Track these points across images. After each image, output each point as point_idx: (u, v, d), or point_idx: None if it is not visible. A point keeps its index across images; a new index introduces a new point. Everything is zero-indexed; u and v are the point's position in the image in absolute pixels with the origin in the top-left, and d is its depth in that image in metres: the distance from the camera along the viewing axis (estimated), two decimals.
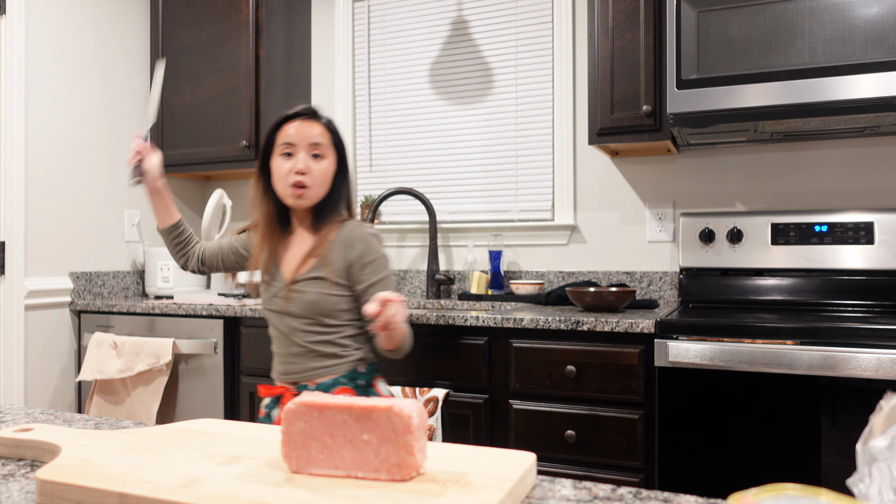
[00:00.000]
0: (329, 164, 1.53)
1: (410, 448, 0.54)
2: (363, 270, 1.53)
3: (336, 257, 1.53)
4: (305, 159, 1.50)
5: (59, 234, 2.51)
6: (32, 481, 0.62)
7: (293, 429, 0.58)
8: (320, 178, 1.52)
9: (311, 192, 1.51)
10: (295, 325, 1.53)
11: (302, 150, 1.50)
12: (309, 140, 1.51)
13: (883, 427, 0.51)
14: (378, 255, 1.55)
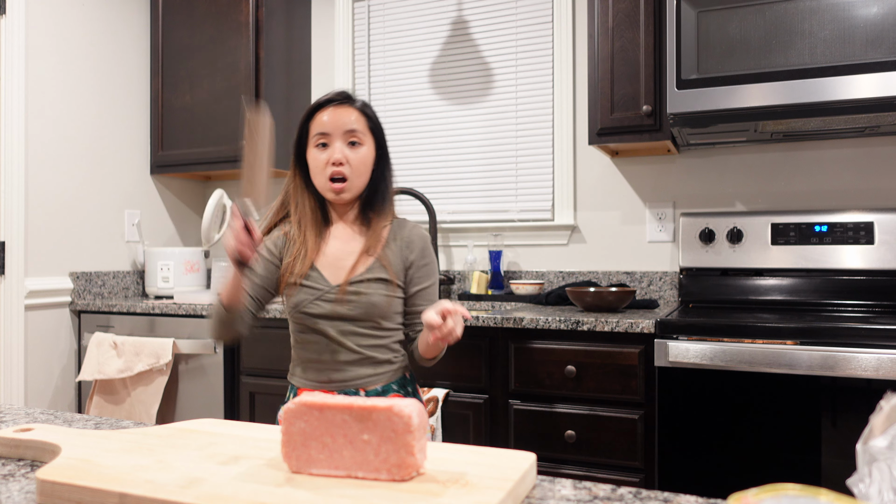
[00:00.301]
0: (368, 152, 1.43)
1: (410, 448, 0.54)
2: (418, 273, 1.46)
3: (394, 258, 1.45)
4: (342, 148, 1.40)
5: (59, 234, 2.51)
6: (32, 481, 0.62)
7: (293, 429, 0.58)
8: (359, 167, 1.41)
9: (352, 183, 1.41)
10: (349, 329, 1.41)
11: (337, 138, 1.41)
12: (344, 127, 1.41)
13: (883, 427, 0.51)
14: (432, 258, 1.49)
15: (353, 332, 1.41)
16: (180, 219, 3.05)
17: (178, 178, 3.01)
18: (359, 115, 1.44)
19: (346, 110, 1.43)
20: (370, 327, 1.42)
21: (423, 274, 1.46)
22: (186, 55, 2.76)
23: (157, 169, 2.86)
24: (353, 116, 1.42)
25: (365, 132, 1.44)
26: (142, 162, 2.86)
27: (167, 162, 2.82)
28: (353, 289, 1.40)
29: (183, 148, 2.77)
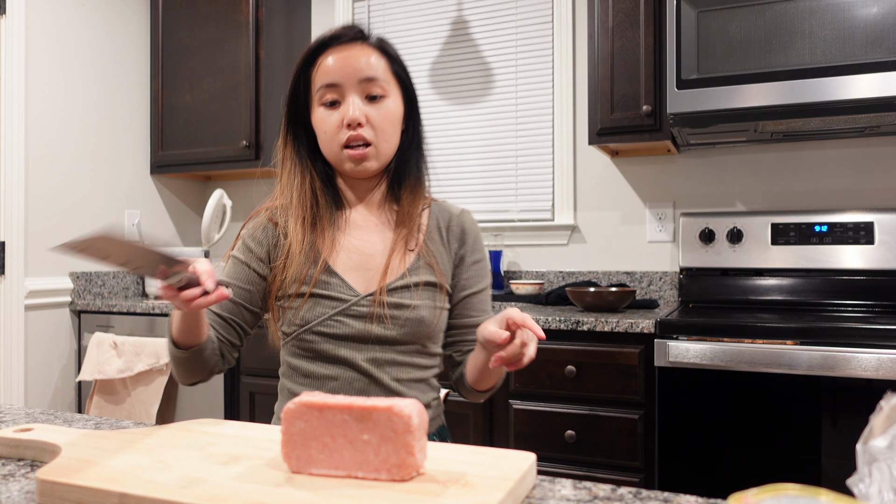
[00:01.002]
0: (394, 106, 1.07)
1: (410, 448, 0.54)
2: (468, 272, 1.12)
3: (441, 253, 1.10)
4: (358, 104, 1.03)
5: (60, 234, 2.51)
6: (32, 481, 0.62)
7: (293, 429, 0.58)
8: (385, 126, 1.05)
9: (377, 149, 1.05)
10: (387, 358, 1.04)
11: (351, 90, 1.04)
12: (359, 74, 1.03)
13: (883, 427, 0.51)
14: (486, 253, 1.16)
15: (392, 362, 1.04)
16: (180, 219, 3.05)
17: (178, 177, 3.01)
18: (378, 56, 1.07)
19: (360, 50, 1.05)
20: (413, 353, 1.05)
21: (474, 273, 1.12)
22: (186, 55, 2.76)
23: (157, 169, 2.86)
24: (370, 58, 1.05)
25: (388, 79, 1.07)
26: (142, 162, 2.86)
27: (167, 162, 2.82)
28: (393, 299, 1.03)
29: (183, 148, 2.77)
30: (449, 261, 1.11)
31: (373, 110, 1.05)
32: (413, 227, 1.09)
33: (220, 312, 1.08)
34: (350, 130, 1.04)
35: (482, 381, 1.07)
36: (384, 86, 1.06)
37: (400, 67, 1.11)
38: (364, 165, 1.05)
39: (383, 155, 1.07)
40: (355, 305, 1.03)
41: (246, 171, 2.81)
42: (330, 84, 1.05)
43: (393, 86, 1.08)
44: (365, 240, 1.09)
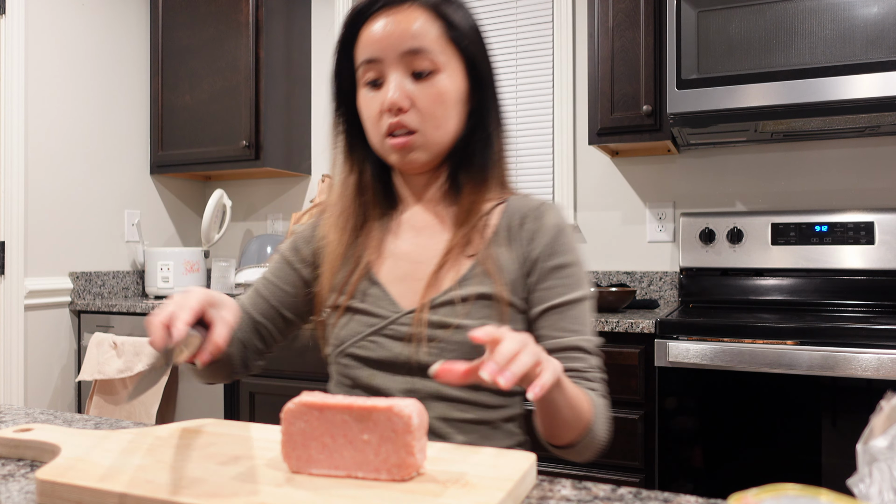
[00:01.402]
0: (450, 81, 0.88)
1: (410, 448, 0.54)
2: (546, 280, 0.88)
3: (507, 258, 0.89)
4: (401, 83, 0.86)
5: (59, 234, 2.51)
6: (32, 481, 0.62)
7: (293, 429, 0.58)
8: (433, 109, 0.87)
9: (424, 137, 0.87)
10: (430, 391, 0.85)
11: (392, 66, 0.86)
12: (401, 45, 0.85)
13: (883, 427, 0.51)
14: (575, 257, 0.90)
15: (438, 397, 0.86)
16: (180, 219, 3.05)
17: (178, 177, 3.01)
18: (429, 21, 0.87)
19: (406, 14, 0.86)
20: (471, 388, 0.86)
21: (555, 282, 0.88)
22: (186, 55, 2.76)
23: (157, 169, 2.86)
24: (415, 24, 0.86)
25: (441, 48, 0.87)
26: (141, 162, 2.86)
27: (167, 162, 2.82)
28: (437, 317, 0.85)
29: (183, 148, 2.77)
30: (517, 267, 0.88)
31: (419, 90, 0.86)
32: (474, 228, 0.89)
33: (252, 314, 0.97)
34: (391, 116, 0.86)
35: (550, 428, 0.79)
36: (434, 58, 0.86)
37: (461, 34, 0.89)
38: (409, 157, 0.88)
39: (433, 144, 0.88)
40: (394, 324, 0.86)
41: (246, 171, 2.81)
42: (369, 60, 0.87)
43: (449, 57, 0.88)
44: (417, 244, 0.91)
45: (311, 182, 2.93)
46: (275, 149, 2.69)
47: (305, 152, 2.89)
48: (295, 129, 2.83)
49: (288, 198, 2.98)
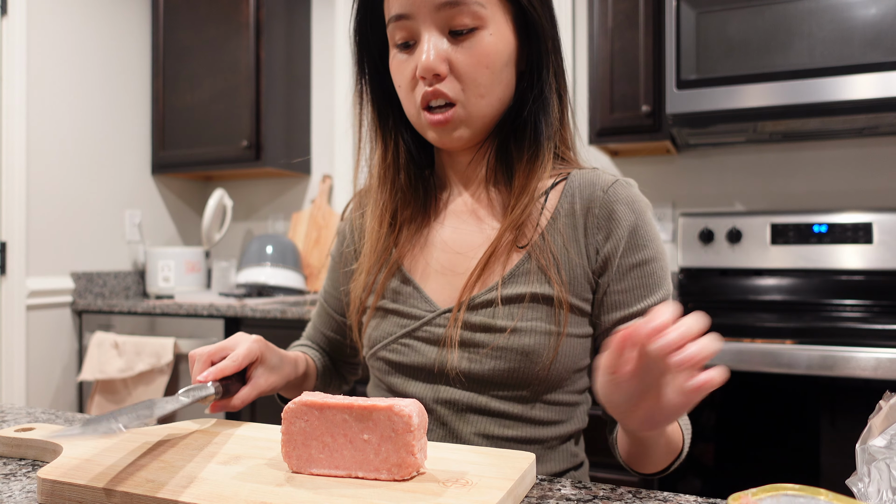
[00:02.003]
0: (497, 37, 0.73)
1: (411, 448, 0.54)
2: (622, 282, 0.74)
3: (570, 249, 0.75)
4: (437, 44, 0.72)
5: (60, 234, 2.51)
6: (34, 480, 0.62)
7: (293, 428, 0.58)
8: (479, 73, 0.73)
9: (466, 108, 0.74)
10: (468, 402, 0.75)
11: (427, 24, 0.72)
12: (435, 0, 0.71)
13: (882, 427, 0.52)
14: (656, 250, 0.76)
15: (479, 409, 0.75)
16: (181, 219, 3.05)
17: (179, 178, 3.01)
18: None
19: None
20: (517, 400, 0.75)
21: (632, 284, 0.74)
22: (187, 55, 2.77)
23: (158, 169, 2.86)
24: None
25: (487, 1, 0.72)
26: (143, 162, 2.86)
27: (168, 162, 2.82)
28: (478, 318, 0.74)
29: (184, 148, 2.78)
30: (582, 261, 0.74)
31: (459, 52, 0.72)
32: (527, 212, 0.74)
33: (324, 331, 0.93)
34: (426, 85, 0.72)
35: (638, 459, 0.69)
36: (476, 11, 0.71)
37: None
38: (451, 135, 0.74)
39: (478, 117, 0.74)
40: (429, 325, 0.76)
41: (246, 172, 2.81)
42: (398, 16, 0.73)
43: (494, 8, 0.73)
44: (460, 232, 0.79)
45: (312, 182, 2.93)
46: (275, 149, 2.69)
47: (306, 152, 2.89)
48: (295, 129, 2.83)
49: (288, 198, 2.98)
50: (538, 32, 0.76)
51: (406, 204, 0.82)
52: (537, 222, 0.76)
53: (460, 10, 0.71)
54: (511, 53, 0.75)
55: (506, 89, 0.76)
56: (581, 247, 0.75)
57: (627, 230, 0.74)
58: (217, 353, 0.73)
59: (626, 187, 0.77)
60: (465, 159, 0.81)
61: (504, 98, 0.76)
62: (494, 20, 0.73)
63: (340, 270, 0.91)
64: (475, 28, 0.72)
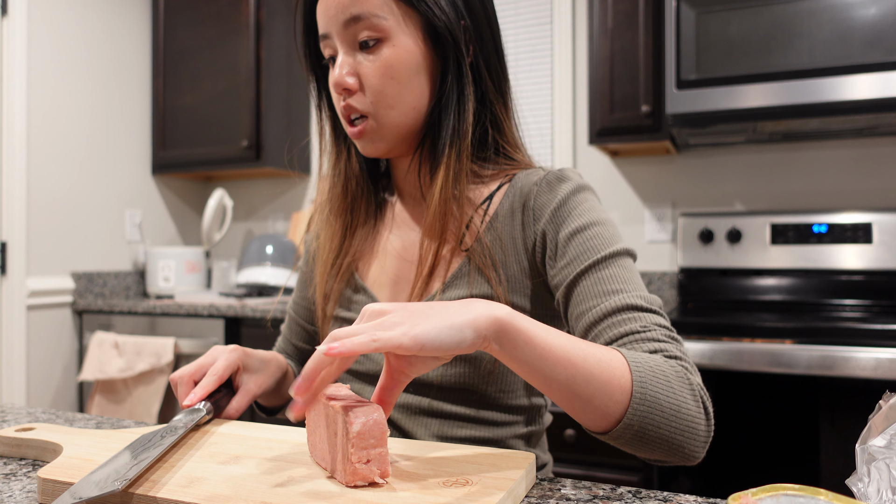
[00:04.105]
0: (402, 49, 0.74)
1: (349, 455, 0.53)
2: (563, 254, 0.72)
3: (507, 247, 0.77)
4: (345, 59, 0.75)
5: (61, 234, 2.52)
6: (34, 480, 0.62)
7: (310, 416, 0.61)
8: (385, 84, 0.74)
9: (377, 120, 0.76)
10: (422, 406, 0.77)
11: (339, 40, 0.75)
12: (341, 15, 0.74)
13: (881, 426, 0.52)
14: (594, 217, 0.74)
15: (432, 413, 0.77)
16: (181, 219, 3.06)
17: (179, 178, 3.01)
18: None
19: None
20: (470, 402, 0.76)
21: (575, 252, 0.71)
22: (188, 56, 2.77)
23: (159, 169, 2.86)
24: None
25: (387, 9, 0.73)
26: (143, 162, 2.86)
27: (168, 162, 2.82)
28: None
29: (184, 148, 2.78)
30: (524, 258, 0.75)
31: (366, 65, 0.74)
32: (449, 217, 0.75)
33: (294, 342, 0.94)
34: (342, 100, 0.76)
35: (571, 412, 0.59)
36: (377, 23, 0.73)
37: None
38: (369, 146, 0.77)
39: (390, 127, 0.76)
40: None
41: (247, 172, 2.81)
42: (322, 35, 0.77)
43: (398, 18, 0.73)
44: (408, 240, 0.81)
45: (312, 182, 2.93)
46: (275, 149, 2.69)
47: (306, 152, 2.89)
48: (295, 129, 2.83)
49: (288, 198, 2.98)
50: (443, 40, 0.76)
51: (357, 210, 0.84)
52: (478, 227, 0.77)
53: (363, 25, 0.73)
54: (420, 62, 0.76)
55: (417, 98, 0.76)
56: (519, 244, 0.76)
57: (557, 205, 0.75)
58: (197, 372, 0.73)
59: (559, 176, 0.77)
60: (403, 167, 0.83)
61: (417, 106, 0.77)
62: (397, 31, 0.74)
63: (308, 286, 0.93)
64: (380, 39, 0.74)
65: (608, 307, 0.67)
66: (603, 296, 0.67)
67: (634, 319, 0.66)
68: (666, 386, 0.58)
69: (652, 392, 0.57)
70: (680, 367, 0.61)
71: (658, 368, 0.59)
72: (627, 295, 0.67)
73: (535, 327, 0.55)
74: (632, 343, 0.64)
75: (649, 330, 0.65)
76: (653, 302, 0.68)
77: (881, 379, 1.50)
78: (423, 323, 0.51)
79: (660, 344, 0.64)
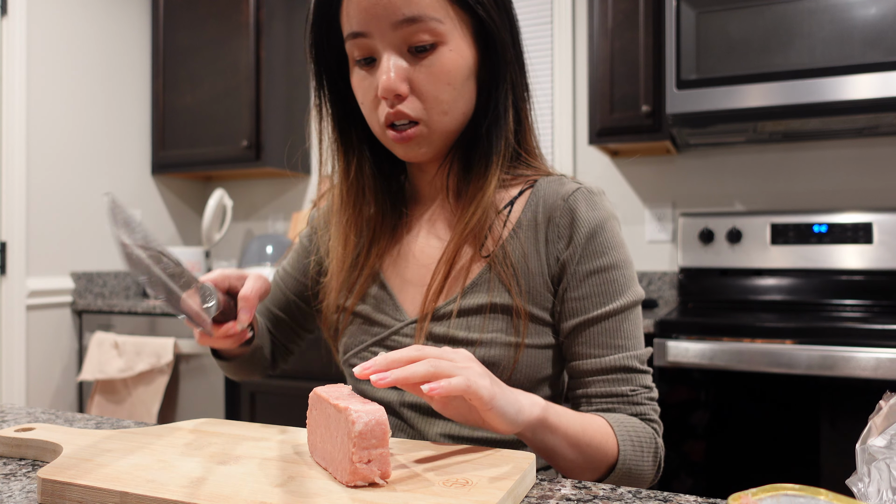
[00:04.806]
0: (458, 53, 0.72)
1: (350, 454, 0.53)
2: (579, 289, 0.74)
3: (526, 257, 0.76)
4: (395, 63, 0.71)
5: (60, 234, 2.52)
6: (34, 481, 0.62)
7: (311, 415, 0.61)
8: (441, 90, 0.72)
9: (429, 126, 0.73)
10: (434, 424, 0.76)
11: (385, 42, 0.71)
12: (392, 14, 0.69)
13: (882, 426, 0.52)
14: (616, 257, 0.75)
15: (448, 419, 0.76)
16: (181, 219, 3.06)
17: (179, 178, 3.01)
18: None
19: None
20: None
21: (589, 291, 0.74)
22: (187, 56, 2.77)
23: (158, 169, 2.86)
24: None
25: (443, 12, 0.70)
26: (143, 162, 2.86)
27: (168, 162, 2.82)
28: (440, 329, 0.75)
29: (184, 148, 2.78)
30: (543, 271, 0.75)
31: (419, 70, 0.71)
32: (481, 222, 0.74)
33: (275, 311, 0.93)
34: (388, 106, 0.72)
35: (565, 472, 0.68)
36: (435, 26, 0.69)
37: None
38: (415, 151, 0.75)
39: (441, 133, 0.74)
40: (397, 334, 0.77)
41: (247, 172, 2.81)
42: (356, 33, 0.71)
43: (454, 22, 0.71)
44: (429, 243, 0.80)
45: (312, 182, 2.93)
46: (275, 149, 2.69)
47: (306, 152, 2.89)
48: (295, 129, 2.83)
49: (288, 198, 2.98)
50: (497, 44, 0.75)
51: (377, 217, 0.82)
52: (500, 233, 0.76)
53: (419, 28, 0.70)
54: (472, 67, 0.75)
55: (468, 103, 0.76)
56: (542, 256, 0.76)
57: (585, 237, 0.75)
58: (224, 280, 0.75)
59: (587, 195, 0.77)
60: (431, 171, 0.82)
61: (467, 111, 0.76)
62: (454, 35, 0.72)
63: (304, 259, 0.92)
64: (435, 44, 0.71)
65: (609, 363, 0.75)
66: (607, 349, 0.75)
67: (627, 381, 0.76)
68: (640, 457, 0.71)
69: (627, 466, 0.70)
70: (652, 432, 0.75)
71: (637, 440, 0.72)
72: (627, 356, 0.76)
73: (560, 420, 0.65)
74: (620, 405, 0.76)
75: (637, 394, 0.77)
76: (643, 360, 0.77)
77: (881, 379, 1.50)
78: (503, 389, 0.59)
79: (642, 407, 0.77)
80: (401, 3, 0.69)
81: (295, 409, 2.12)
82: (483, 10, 0.73)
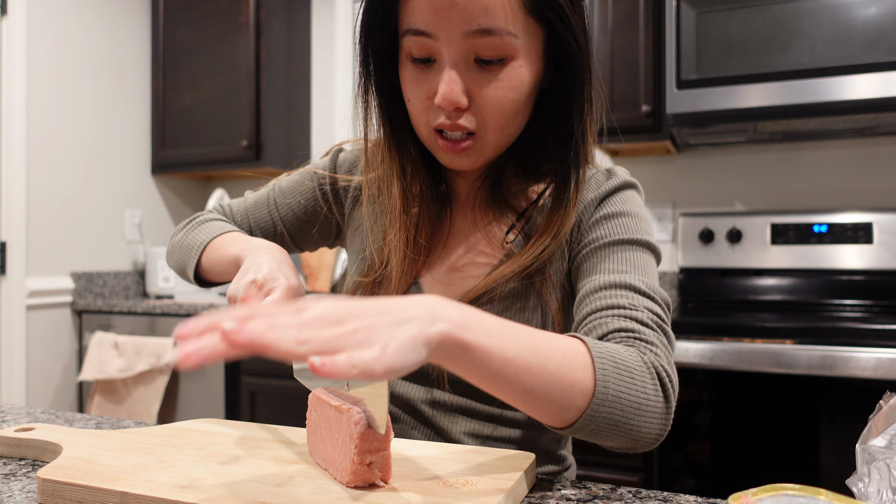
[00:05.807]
0: (524, 71, 0.67)
1: (353, 456, 0.53)
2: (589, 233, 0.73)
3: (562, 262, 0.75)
4: (460, 75, 0.66)
5: (60, 234, 2.51)
6: (34, 480, 0.62)
7: (310, 417, 0.61)
8: (501, 108, 0.67)
9: (482, 140, 0.70)
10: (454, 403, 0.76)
11: (452, 48, 0.65)
12: (467, 22, 0.63)
13: (882, 426, 0.52)
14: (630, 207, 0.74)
15: (464, 411, 0.76)
16: (181, 219, 3.06)
17: (179, 177, 3.01)
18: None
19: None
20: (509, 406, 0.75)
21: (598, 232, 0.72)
22: (187, 55, 2.77)
23: (158, 169, 2.86)
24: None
25: (519, 28, 0.65)
26: (143, 162, 2.86)
27: (168, 162, 2.82)
28: None
29: (184, 148, 2.78)
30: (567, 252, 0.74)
31: (485, 83, 0.66)
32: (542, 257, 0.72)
33: (254, 229, 0.90)
34: (444, 115, 0.67)
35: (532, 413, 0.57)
36: (510, 41, 0.64)
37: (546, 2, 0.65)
38: (464, 161, 0.71)
39: (492, 147, 0.71)
40: None
41: (247, 172, 2.81)
42: (420, 31, 0.65)
43: (528, 36, 0.66)
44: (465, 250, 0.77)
45: None
46: (275, 149, 2.69)
47: (306, 152, 2.89)
48: (295, 129, 2.83)
49: None
50: (572, 62, 0.69)
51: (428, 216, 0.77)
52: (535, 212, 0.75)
53: (492, 41, 0.64)
54: (537, 80, 0.70)
55: (526, 117, 0.72)
56: (565, 252, 0.75)
57: (601, 195, 0.74)
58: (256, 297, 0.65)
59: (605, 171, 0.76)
60: (471, 176, 0.79)
61: (523, 124, 0.72)
62: (526, 50, 0.66)
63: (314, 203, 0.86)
64: (504, 59, 0.65)
65: (609, 280, 0.66)
66: (608, 272, 0.67)
67: (626, 296, 0.64)
68: (629, 381, 0.57)
69: (614, 392, 0.56)
70: (647, 356, 0.60)
71: (623, 363, 0.57)
72: (631, 276, 0.66)
73: (489, 337, 0.50)
74: (613, 318, 0.63)
75: (637, 310, 0.63)
76: (656, 292, 0.66)
77: (881, 379, 1.50)
78: (392, 342, 0.43)
79: (638, 325, 0.62)
80: (478, 12, 0.62)
81: (295, 410, 2.12)
82: (562, 22, 0.66)
